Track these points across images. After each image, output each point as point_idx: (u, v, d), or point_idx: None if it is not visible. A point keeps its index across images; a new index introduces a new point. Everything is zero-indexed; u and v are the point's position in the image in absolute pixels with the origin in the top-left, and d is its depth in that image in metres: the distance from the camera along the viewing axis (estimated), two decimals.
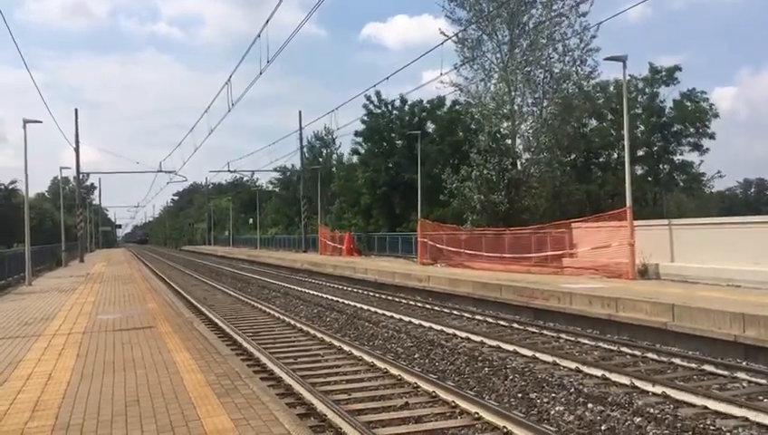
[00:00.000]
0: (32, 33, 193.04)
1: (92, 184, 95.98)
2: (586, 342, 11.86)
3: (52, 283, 24.71)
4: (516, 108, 30.80)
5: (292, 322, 15.24)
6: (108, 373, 7.82)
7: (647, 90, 40.96)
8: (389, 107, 44.98)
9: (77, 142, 44.70)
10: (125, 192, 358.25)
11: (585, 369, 9.51)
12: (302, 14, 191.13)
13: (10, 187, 64.36)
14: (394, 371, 9.56)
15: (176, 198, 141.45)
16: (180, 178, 61.82)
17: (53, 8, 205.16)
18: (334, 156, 66.93)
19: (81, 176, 49.34)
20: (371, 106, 44.65)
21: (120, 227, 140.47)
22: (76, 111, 45.81)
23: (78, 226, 46.96)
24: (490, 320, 14.92)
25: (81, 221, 47.34)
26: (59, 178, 55.59)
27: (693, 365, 9.76)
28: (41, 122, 25.24)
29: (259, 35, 21.56)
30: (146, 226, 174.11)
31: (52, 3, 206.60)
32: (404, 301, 19.17)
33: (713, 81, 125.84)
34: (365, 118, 44.69)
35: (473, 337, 12.42)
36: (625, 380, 8.77)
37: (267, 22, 21.12)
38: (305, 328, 14.16)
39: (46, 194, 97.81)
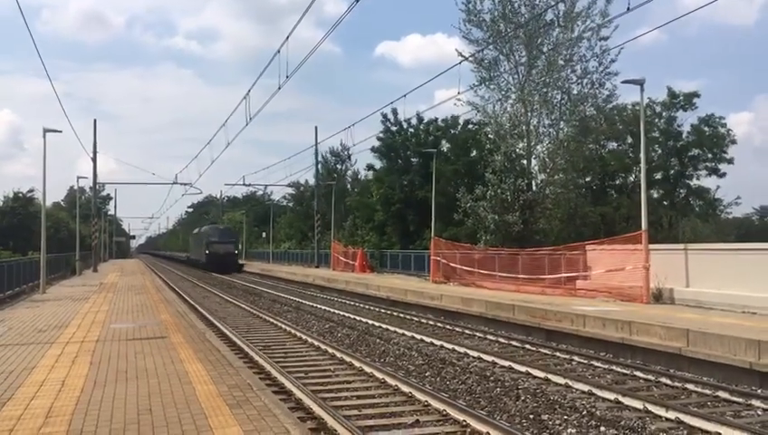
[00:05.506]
0: (48, 43, 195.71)
1: (108, 194, 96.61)
2: (599, 365, 11.77)
3: (66, 291, 24.89)
4: (532, 128, 30.68)
5: (304, 336, 15.25)
6: (121, 382, 7.87)
7: (664, 114, 40.89)
8: (405, 125, 45.22)
9: (95, 153, 45.25)
10: (140, 203, 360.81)
11: (598, 392, 9.44)
12: (317, 31, 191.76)
13: (28, 195, 65.21)
14: (405, 388, 9.53)
15: (190, 210, 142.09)
16: (195, 191, 62.08)
17: (70, 19, 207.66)
18: (349, 172, 67.24)
19: (97, 186, 49.85)
20: (388, 123, 44.92)
21: (133, 237, 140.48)
22: (95, 121, 46.45)
23: (93, 235, 47.40)
24: (502, 340, 14.84)
25: (95, 231, 47.79)
26: (75, 187, 56.16)
27: (707, 391, 9.66)
28: (60, 132, 25.46)
29: (279, 51, 21.87)
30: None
31: (68, 13, 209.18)
32: (416, 319, 19.12)
33: (728, 106, 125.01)
34: (381, 135, 44.95)
35: (485, 357, 12.37)
36: (638, 404, 8.69)
37: (287, 38, 21.38)
38: (316, 343, 14.17)
39: (62, 203, 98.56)
